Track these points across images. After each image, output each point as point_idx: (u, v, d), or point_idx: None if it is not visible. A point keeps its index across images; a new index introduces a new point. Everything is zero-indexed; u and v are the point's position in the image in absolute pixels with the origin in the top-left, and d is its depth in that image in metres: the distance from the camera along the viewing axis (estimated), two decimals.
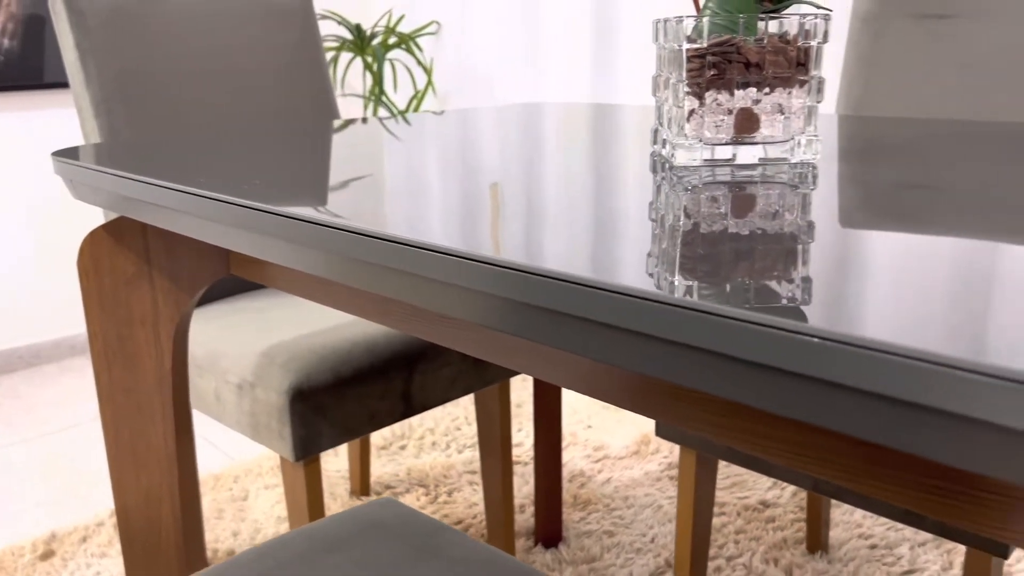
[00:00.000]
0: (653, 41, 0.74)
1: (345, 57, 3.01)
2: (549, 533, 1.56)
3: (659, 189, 0.66)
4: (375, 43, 2.72)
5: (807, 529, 1.50)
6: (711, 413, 0.55)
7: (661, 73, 0.75)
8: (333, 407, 1.12)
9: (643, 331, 0.41)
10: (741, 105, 0.68)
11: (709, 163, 0.71)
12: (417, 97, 2.78)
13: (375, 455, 1.90)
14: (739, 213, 0.57)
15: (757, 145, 0.70)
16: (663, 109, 0.76)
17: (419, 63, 2.71)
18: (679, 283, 0.42)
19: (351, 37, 2.79)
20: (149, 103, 1.33)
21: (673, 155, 0.73)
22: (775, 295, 0.40)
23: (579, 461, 1.85)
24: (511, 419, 1.60)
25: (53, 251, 2.50)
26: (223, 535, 1.60)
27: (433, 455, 1.89)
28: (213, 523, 1.65)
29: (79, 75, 1.27)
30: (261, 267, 0.93)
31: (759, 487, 1.72)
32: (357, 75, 3.04)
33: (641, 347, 0.42)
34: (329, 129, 1.11)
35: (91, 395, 2.30)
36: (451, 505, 1.69)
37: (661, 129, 0.78)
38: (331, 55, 2.87)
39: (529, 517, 1.65)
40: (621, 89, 2.34)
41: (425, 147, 0.93)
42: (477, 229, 0.55)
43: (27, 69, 2.36)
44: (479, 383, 1.29)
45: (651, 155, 0.83)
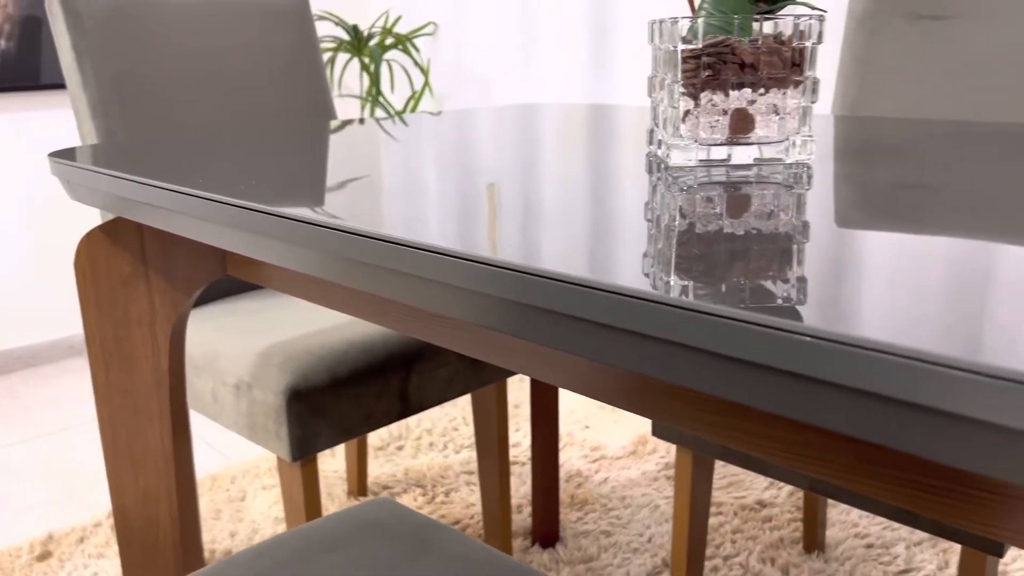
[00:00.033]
0: (649, 42, 0.75)
1: (342, 58, 3.01)
2: (546, 533, 1.56)
3: (655, 189, 0.66)
4: (372, 44, 2.72)
5: (803, 529, 1.51)
6: (707, 412, 0.56)
7: (657, 74, 0.76)
8: (330, 407, 1.12)
9: (639, 331, 0.42)
10: (736, 106, 0.68)
11: (704, 163, 0.72)
12: (414, 98, 2.78)
13: (372, 455, 1.90)
14: (734, 213, 0.58)
15: (752, 145, 0.70)
16: (659, 110, 0.76)
17: (416, 64, 2.72)
18: (675, 283, 0.43)
19: (348, 38, 2.79)
20: (146, 104, 1.33)
21: (669, 155, 0.73)
22: (770, 295, 0.41)
23: (576, 461, 1.86)
24: (508, 419, 1.61)
25: (50, 252, 2.50)
26: (220, 536, 1.60)
27: (430, 455, 1.89)
28: (210, 524, 1.65)
29: (76, 76, 1.27)
30: (258, 268, 0.93)
31: (756, 487, 1.72)
32: (354, 76, 3.04)
33: (637, 347, 0.42)
34: (326, 130, 1.11)
35: (88, 396, 2.30)
36: (448, 505, 1.69)
37: (657, 130, 0.78)
38: (328, 56, 2.87)
39: (526, 517, 1.65)
40: (617, 90, 2.34)
41: (422, 148, 0.93)
42: (474, 229, 0.55)
43: (24, 70, 2.36)
44: (476, 383, 1.30)
45: (647, 156, 0.83)
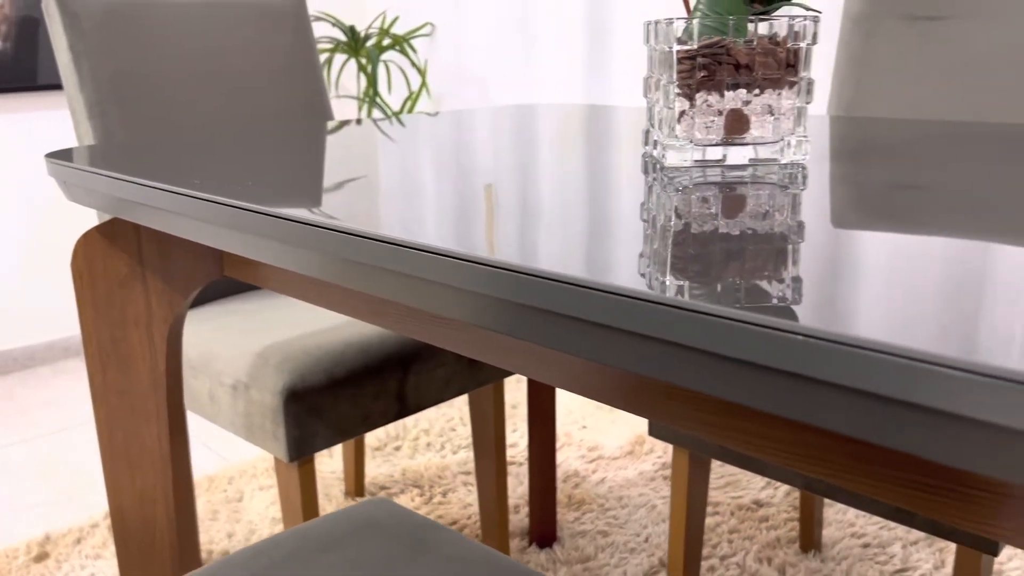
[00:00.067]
0: (644, 43, 0.75)
1: (339, 59, 3.01)
2: (543, 533, 1.56)
3: (651, 190, 0.66)
4: (369, 45, 2.72)
5: (800, 528, 1.51)
6: (704, 412, 0.56)
7: (652, 75, 0.76)
8: (327, 408, 1.12)
9: (636, 331, 0.42)
10: (731, 106, 0.69)
11: (700, 164, 0.72)
12: (411, 98, 2.78)
13: (370, 456, 1.90)
14: (730, 214, 0.58)
15: (747, 146, 0.71)
16: (654, 110, 0.76)
17: (413, 65, 2.72)
18: (671, 283, 0.43)
19: (345, 39, 2.79)
20: (143, 105, 1.33)
21: (664, 156, 0.73)
22: (766, 295, 0.41)
23: (573, 461, 1.86)
24: (505, 419, 1.61)
25: (47, 253, 2.50)
26: (217, 536, 1.60)
27: (428, 456, 1.89)
28: (208, 524, 1.65)
29: (73, 77, 1.27)
30: (255, 268, 0.93)
31: (753, 487, 1.72)
32: (351, 77, 3.04)
33: (634, 347, 0.43)
34: (323, 130, 1.11)
35: (85, 397, 2.30)
36: (446, 506, 1.69)
37: (652, 130, 0.78)
38: (325, 57, 2.87)
39: (524, 517, 1.65)
40: (614, 90, 2.35)
41: (419, 148, 0.93)
42: (471, 230, 0.55)
43: (21, 71, 2.36)
44: (473, 384, 1.30)
45: (643, 156, 0.83)
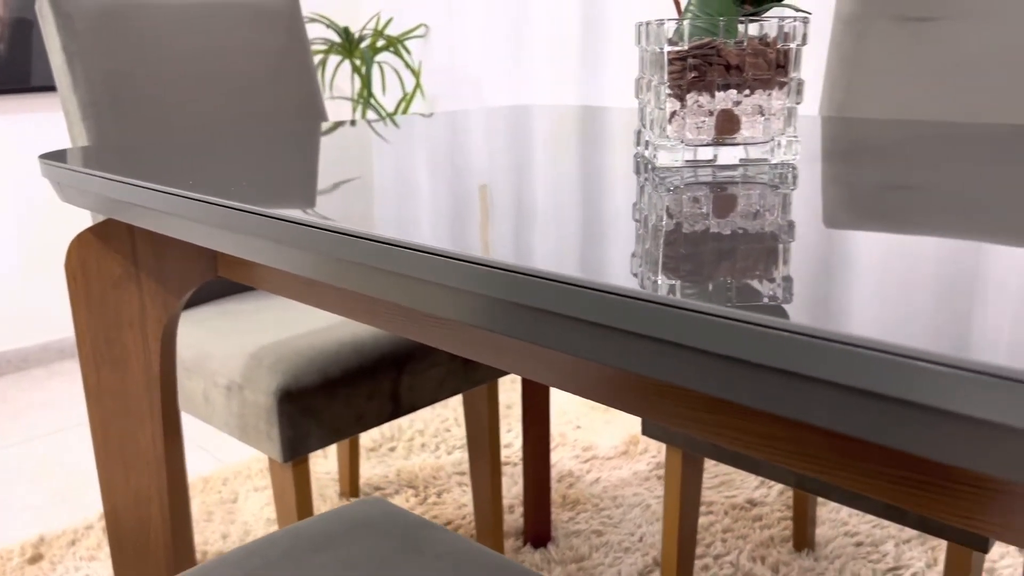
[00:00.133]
0: (636, 44, 0.75)
1: (333, 60, 3.01)
2: (538, 533, 1.56)
3: (642, 190, 0.67)
4: (363, 46, 2.73)
5: (793, 527, 1.51)
6: (695, 410, 0.56)
7: (644, 75, 0.76)
8: (321, 408, 1.12)
9: (628, 329, 0.42)
10: (722, 107, 0.69)
11: (691, 164, 0.72)
12: (405, 99, 2.78)
13: (364, 457, 1.90)
14: (721, 213, 0.58)
15: (738, 146, 0.71)
16: (646, 111, 0.77)
17: (407, 66, 2.72)
18: (662, 282, 0.43)
19: (339, 40, 2.79)
20: (136, 106, 1.33)
21: (656, 156, 0.74)
22: (757, 293, 0.41)
23: (568, 461, 1.86)
24: (499, 420, 1.61)
25: (40, 254, 2.50)
26: (212, 537, 1.60)
27: (422, 456, 1.90)
28: (202, 525, 1.65)
29: (66, 78, 1.27)
30: (249, 269, 0.94)
31: (746, 486, 1.73)
32: (345, 78, 3.04)
33: (627, 345, 0.43)
34: (317, 131, 1.12)
35: (79, 399, 2.30)
36: (440, 506, 1.69)
37: (644, 131, 0.79)
38: (319, 58, 2.87)
39: (518, 517, 1.66)
40: (608, 91, 2.35)
41: (414, 149, 0.94)
42: (465, 230, 0.55)
43: (14, 73, 2.36)
44: (467, 384, 1.30)
45: (635, 156, 0.83)
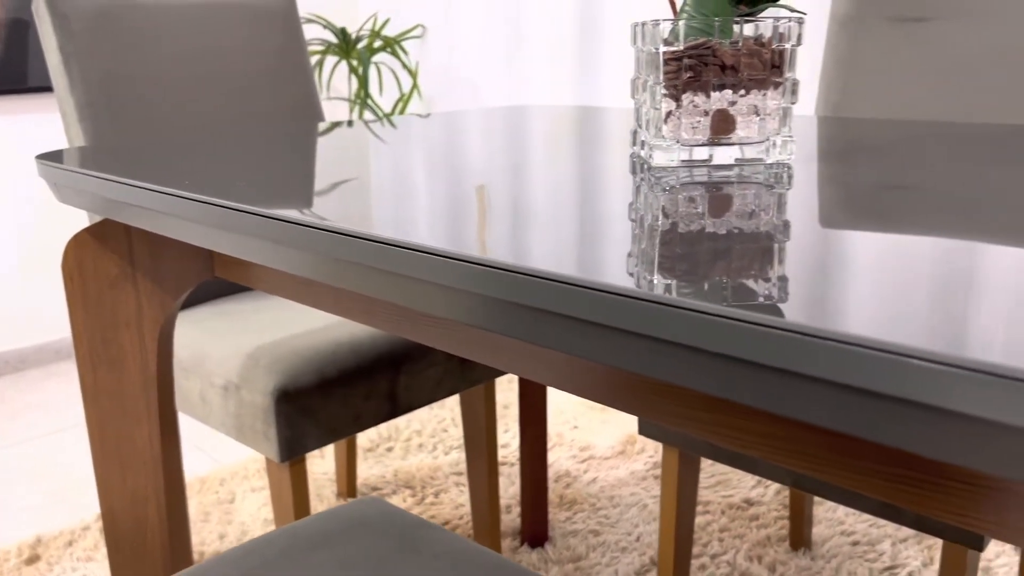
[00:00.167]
0: (631, 44, 0.76)
1: (330, 61, 3.01)
2: (535, 533, 1.57)
3: (638, 190, 0.67)
4: (360, 47, 2.73)
5: (790, 526, 1.52)
6: (692, 408, 0.56)
7: (639, 76, 0.77)
8: (318, 408, 1.12)
9: (625, 328, 0.42)
10: (717, 107, 0.69)
11: (686, 164, 0.73)
12: (402, 100, 2.79)
13: (362, 457, 1.90)
14: (716, 213, 0.59)
15: (733, 146, 0.71)
16: (641, 111, 0.77)
17: (404, 66, 2.72)
18: (659, 281, 0.43)
19: (336, 41, 2.79)
20: (133, 107, 1.33)
21: (651, 156, 0.74)
22: (752, 292, 0.41)
23: (565, 461, 1.86)
24: (496, 420, 1.61)
25: (37, 255, 2.50)
26: (209, 538, 1.60)
27: (420, 457, 1.90)
28: (199, 526, 1.65)
29: (63, 79, 1.27)
30: (245, 269, 0.94)
31: (743, 485, 1.73)
32: (342, 78, 3.04)
33: (623, 344, 0.43)
34: (314, 132, 1.12)
35: (76, 399, 2.30)
36: (438, 506, 1.69)
37: (640, 131, 0.79)
38: (316, 59, 2.87)
39: (515, 517, 1.66)
40: (604, 91, 2.35)
41: (411, 150, 0.94)
42: (462, 230, 0.55)
43: (11, 73, 2.35)
44: (464, 383, 1.30)
45: (631, 156, 0.84)
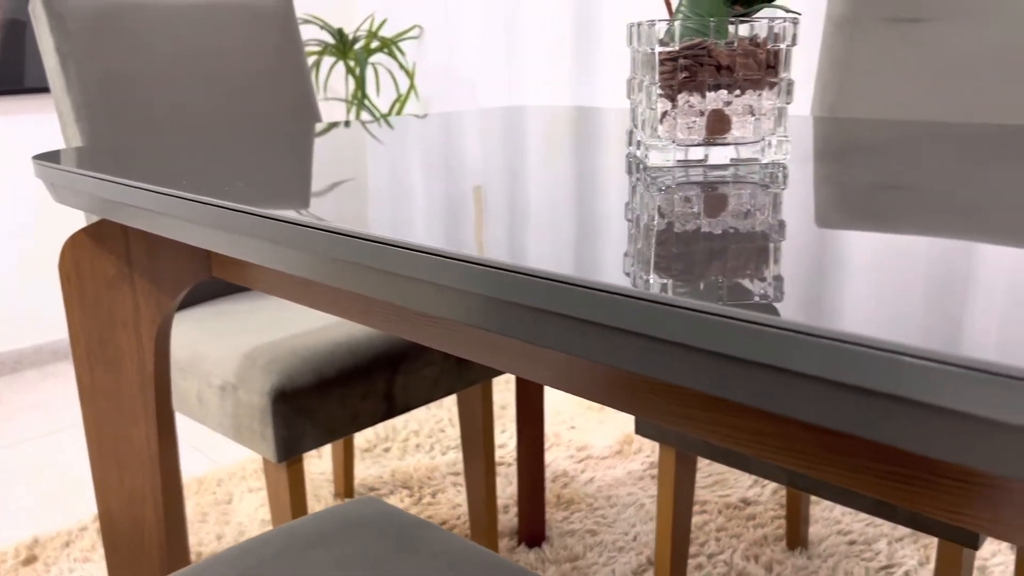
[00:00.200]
0: (627, 44, 0.76)
1: (327, 61, 3.01)
2: (532, 533, 1.57)
3: (634, 190, 0.67)
4: (357, 47, 2.73)
5: (787, 526, 1.52)
6: (688, 407, 0.57)
7: (635, 76, 0.77)
8: (315, 408, 1.12)
9: (622, 327, 0.43)
10: (712, 107, 0.70)
11: (682, 164, 0.73)
12: (400, 101, 2.79)
13: (359, 457, 1.90)
14: (712, 213, 0.59)
15: (728, 146, 0.72)
16: (637, 111, 0.77)
17: (401, 67, 2.72)
18: (655, 280, 0.44)
19: (333, 41, 2.79)
20: (130, 107, 1.33)
21: (647, 156, 0.74)
22: (748, 291, 0.42)
23: (562, 461, 1.87)
24: (494, 420, 1.61)
25: (34, 255, 2.50)
26: (207, 538, 1.60)
27: (417, 457, 1.90)
28: (197, 527, 1.65)
29: (60, 80, 1.27)
30: (243, 269, 0.94)
31: (740, 485, 1.73)
32: (339, 79, 3.04)
33: (620, 343, 0.43)
34: (311, 132, 1.12)
35: (73, 400, 2.30)
36: (435, 506, 1.70)
37: (636, 131, 0.79)
38: (313, 59, 2.87)
39: (513, 517, 1.66)
40: (601, 92, 2.36)
41: (408, 150, 0.94)
42: (459, 230, 0.56)
43: (7, 74, 2.35)
44: (461, 383, 1.30)
45: (627, 156, 0.84)
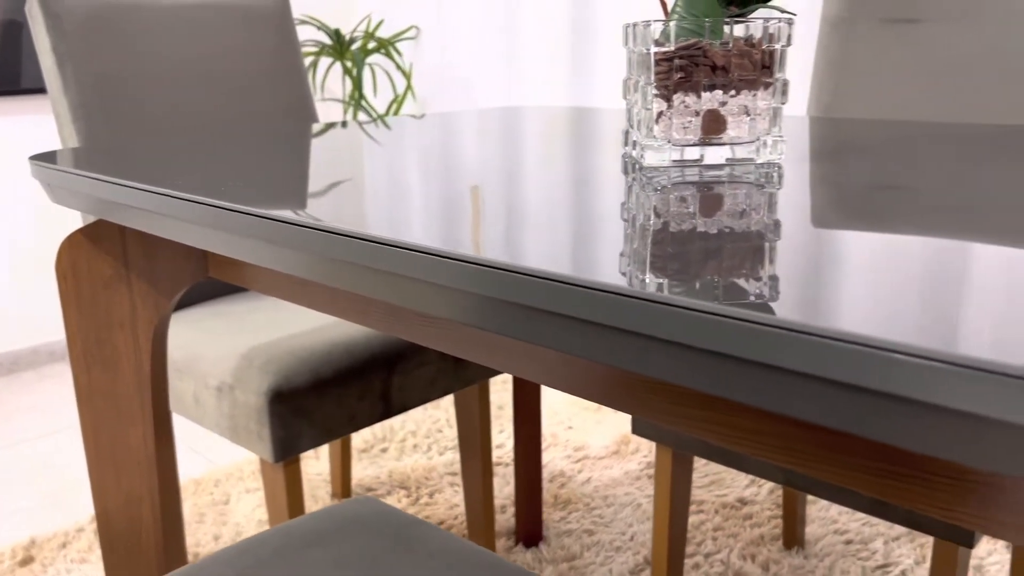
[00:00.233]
0: (623, 45, 0.76)
1: (324, 62, 3.01)
2: (530, 533, 1.57)
3: (630, 190, 0.67)
4: (354, 48, 2.73)
5: (783, 525, 1.52)
6: (684, 406, 0.57)
7: (631, 76, 0.77)
8: (312, 408, 1.13)
9: (619, 326, 0.43)
10: (708, 107, 0.70)
11: (678, 164, 0.73)
12: (397, 101, 2.79)
13: (356, 458, 1.90)
14: (707, 212, 0.59)
15: (724, 146, 0.72)
16: (633, 111, 0.77)
17: (398, 67, 2.72)
18: (651, 279, 0.44)
19: (330, 42, 2.80)
20: (127, 108, 1.33)
21: (643, 156, 0.74)
22: (743, 290, 0.42)
23: (559, 461, 1.87)
24: (491, 420, 1.62)
25: (31, 256, 2.49)
26: (204, 539, 1.60)
27: (414, 457, 1.90)
28: (194, 527, 1.65)
29: (56, 80, 1.27)
30: (240, 269, 0.94)
31: (737, 485, 1.74)
32: (336, 80, 3.04)
33: (617, 342, 0.44)
34: (308, 133, 1.12)
35: (70, 401, 2.30)
36: (432, 507, 1.70)
37: (631, 131, 0.80)
38: (310, 60, 2.87)
39: (510, 517, 1.66)
40: (598, 92, 2.36)
41: (405, 151, 0.94)
42: (456, 229, 0.56)
43: (4, 75, 2.35)
44: (458, 383, 1.30)
45: (623, 156, 0.84)
